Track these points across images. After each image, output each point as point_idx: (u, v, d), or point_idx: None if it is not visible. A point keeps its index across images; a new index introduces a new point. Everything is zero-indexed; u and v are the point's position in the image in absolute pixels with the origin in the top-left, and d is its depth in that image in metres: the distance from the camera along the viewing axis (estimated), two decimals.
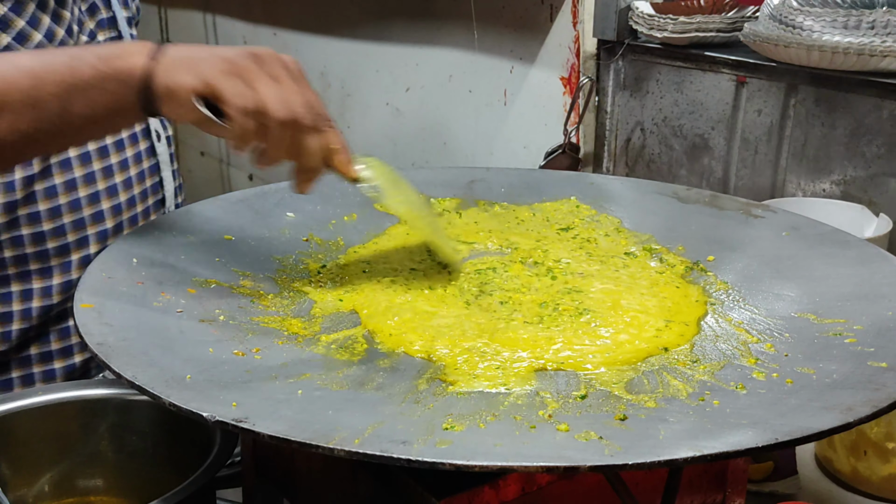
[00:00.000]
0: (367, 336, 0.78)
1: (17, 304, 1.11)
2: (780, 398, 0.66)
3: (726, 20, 1.54)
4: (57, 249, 1.10)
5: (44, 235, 1.08)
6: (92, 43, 1.10)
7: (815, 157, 1.42)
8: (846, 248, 0.90)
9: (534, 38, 1.79)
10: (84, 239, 1.11)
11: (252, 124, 0.77)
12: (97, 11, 1.12)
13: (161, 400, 0.61)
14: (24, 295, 1.10)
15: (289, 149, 0.80)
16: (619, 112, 1.70)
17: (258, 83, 0.77)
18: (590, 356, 0.74)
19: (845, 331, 0.76)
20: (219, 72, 0.77)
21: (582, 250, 0.95)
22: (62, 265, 1.11)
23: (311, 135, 0.80)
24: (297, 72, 0.81)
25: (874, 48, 1.27)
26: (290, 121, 0.78)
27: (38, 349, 1.14)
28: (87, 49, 0.83)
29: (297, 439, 0.57)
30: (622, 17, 1.61)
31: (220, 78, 0.77)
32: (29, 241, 1.08)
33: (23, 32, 1.01)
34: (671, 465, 0.58)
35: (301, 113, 0.78)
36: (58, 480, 0.90)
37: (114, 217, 1.14)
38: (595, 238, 0.99)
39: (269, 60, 0.79)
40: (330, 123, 0.82)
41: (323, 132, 0.80)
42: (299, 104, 0.79)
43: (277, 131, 0.78)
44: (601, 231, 1.01)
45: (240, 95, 0.77)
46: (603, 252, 0.96)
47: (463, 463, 0.55)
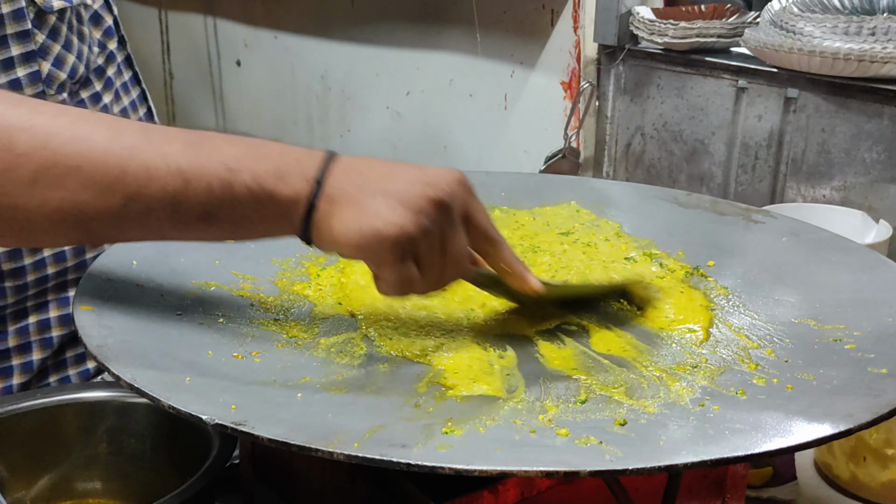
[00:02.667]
0: (366, 340, 0.78)
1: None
2: (781, 404, 0.66)
3: (727, 26, 1.54)
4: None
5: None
6: (104, 52, 1.09)
7: (816, 163, 1.42)
8: (846, 254, 0.90)
9: (535, 42, 1.79)
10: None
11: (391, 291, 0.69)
12: (101, 20, 1.10)
13: (160, 402, 0.61)
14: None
15: None
16: (619, 117, 1.71)
17: (424, 259, 0.66)
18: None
19: (845, 337, 0.76)
20: (391, 245, 0.64)
21: (585, 255, 0.95)
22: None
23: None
24: (459, 210, 0.67)
25: (874, 54, 1.27)
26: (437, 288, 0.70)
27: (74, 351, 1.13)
28: (244, 155, 0.66)
29: (295, 443, 0.57)
30: (623, 22, 1.61)
31: (386, 251, 0.64)
32: None
33: (59, 57, 1.01)
34: (671, 470, 0.58)
35: (445, 282, 0.70)
36: (56, 482, 0.90)
37: None
38: (595, 242, 0.99)
39: (433, 211, 0.65)
40: (499, 245, 0.71)
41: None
42: (452, 276, 0.70)
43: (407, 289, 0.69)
44: (601, 236, 1.01)
45: (405, 282, 0.67)
46: (604, 256, 0.96)
47: (462, 467, 0.55)
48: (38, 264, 1.11)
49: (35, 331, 1.14)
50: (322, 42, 2.33)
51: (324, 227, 0.65)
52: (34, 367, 1.12)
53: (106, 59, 1.09)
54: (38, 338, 1.14)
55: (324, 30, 2.32)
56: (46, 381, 1.14)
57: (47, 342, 1.15)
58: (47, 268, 1.12)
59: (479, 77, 1.94)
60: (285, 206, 0.65)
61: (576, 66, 1.71)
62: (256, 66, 2.56)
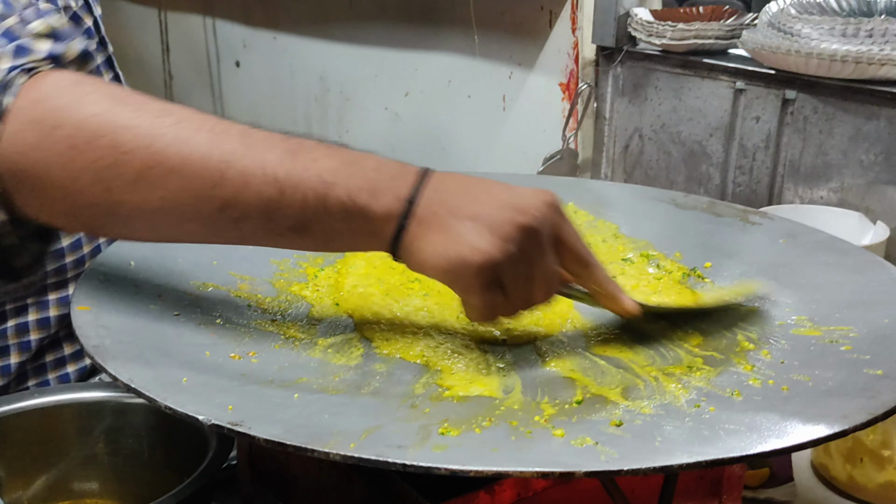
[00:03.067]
0: (363, 340, 0.78)
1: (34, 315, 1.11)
2: (776, 405, 0.66)
3: (725, 27, 1.55)
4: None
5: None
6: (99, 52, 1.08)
7: (813, 165, 1.42)
8: (843, 255, 0.90)
9: (533, 43, 1.79)
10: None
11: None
12: (80, 22, 1.09)
13: (157, 403, 0.61)
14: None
15: None
16: (617, 118, 1.71)
17: (511, 288, 0.65)
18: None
19: (841, 338, 0.76)
20: (465, 272, 0.64)
21: None
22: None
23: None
24: (550, 236, 0.67)
25: (872, 56, 1.27)
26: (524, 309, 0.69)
27: (53, 356, 1.13)
28: (340, 168, 0.66)
29: (292, 443, 0.57)
30: (621, 23, 1.62)
31: (479, 284, 0.64)
32: None
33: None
34: (667, 471, 0.58)
35: (534, 304, 0.69)
36: (53, 483, 0.90)
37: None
38: (593, 244, 1.00)
39: (523, 239, 0.65)
40: (592, 267, 0.71)
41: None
42: (541, 298, 0.68)
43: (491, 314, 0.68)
44: (598, 237, 1.01)
45: (489, 310, 0.66)
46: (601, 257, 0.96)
47: (458, 468, 0.55)
48: None
49: (13, 334, 1.14)
50: (321, 43, 2.34)
51: (413, 248, 0.65)
52: (11, 371, 1.12)
53: None
54: (15, 341, 1.14)
55: (322, 31, 2.33)
56: (25, 385, 1.13)
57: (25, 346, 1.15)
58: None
59: (477, 78, 1.94)
60: (376, 224, 0.64)
61: (574, 67, 1.72)
62: (255, 66, 2.56)
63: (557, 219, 0.68)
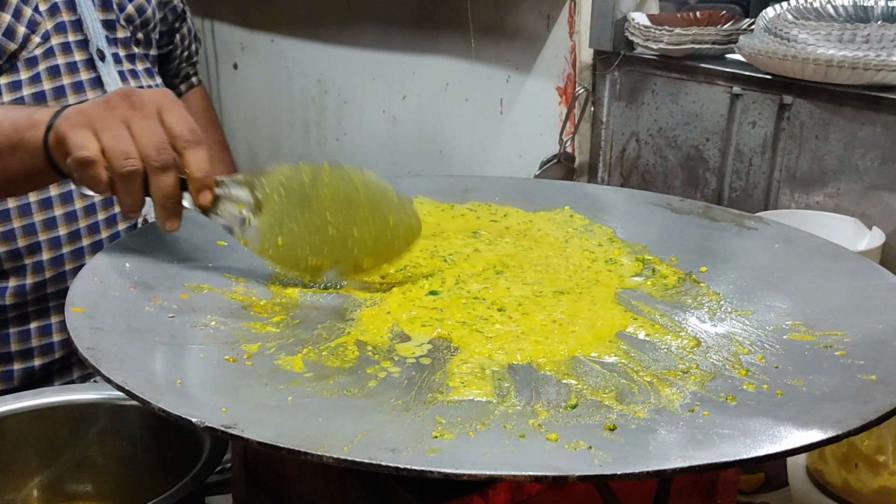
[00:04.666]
0: (357, 343, 0.78)
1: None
2: (770, 410, 0.66)
3: (722, 32, 1.55)
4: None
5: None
6: (45, 44, 1.09)
7: (809, 170, 1.42)
8: (838, 260, 0.91)
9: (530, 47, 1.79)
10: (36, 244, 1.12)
11: (93, 175, 0.80)
12: (57, 13, 1.11)
13: (150, 405, 0.61)
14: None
15: (136, 193, 0.81)
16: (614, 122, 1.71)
17: (103, 132, 0.79)
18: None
19: (836, 343, 0.76)
20: (69, 125, 0.80)
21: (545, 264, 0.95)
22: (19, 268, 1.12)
23: (158, 176, 0.80)
24: (151, 108, 0.81)
25: (868, 62, 1.28)
26: (129, 172, 0.79)
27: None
28: (9, 114, 0.88)
29: (286, 446, 0.57)
30: (618, 28, 1.62)
31: (68, 130, 0.80)
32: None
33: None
34: (660, 475, 0.58)
35: (146, 156, 0.79)
36: (46, 485, 0.90)
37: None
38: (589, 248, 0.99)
39: (120, 104, 0.80)
40: (191, 145, 0.82)
41: (168, 171, 0.80)
42: (146, 146, 0.79)
43: (120, 181, 0.80)
44: (595, 241, 1.01)
45: (80, 147, 0.79)
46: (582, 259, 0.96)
47: (452, 471, 0.55)
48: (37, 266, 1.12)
49: (36, 336, 1.14)
50: (318, 46, 2.34)
51: (52, 135, 0.83)
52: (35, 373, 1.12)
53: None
54: (39, 343, 1.14)
55: (320, 33, 2.32)
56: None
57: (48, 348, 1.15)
58: (45, 271, 1.12)
59: (474, 82, 1.94)
60: (34, 145, 0.84)
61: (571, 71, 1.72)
62: (253, 69, 2.56)
63: (163, 101, 0.82)
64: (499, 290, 0.86)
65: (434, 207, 1.09)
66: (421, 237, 0.97)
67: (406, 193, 1.10)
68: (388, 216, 0.88)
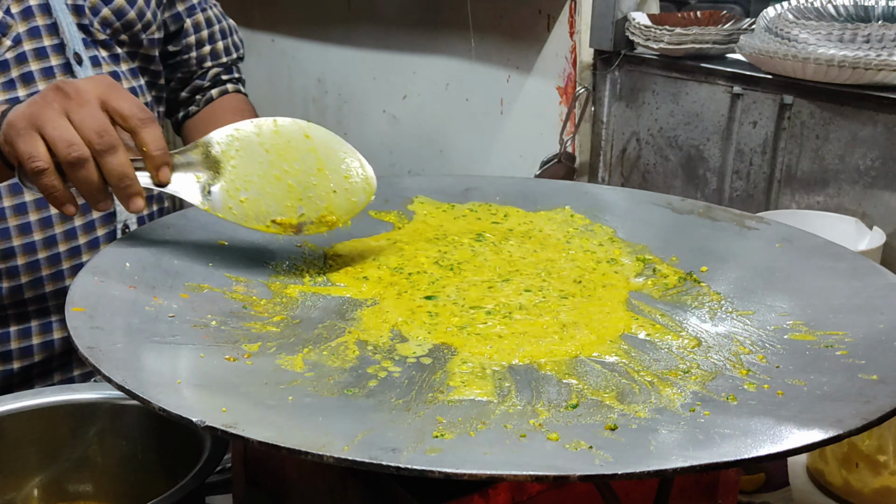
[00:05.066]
0: (358, 343, 0.78)
1: None
2: (771, 409, 0.66)
3: (722, 32, 1.55)
4: None
5: None
6: (16, 48, 1.07)
7: (810, 170, 1.42)
8: (839, 260, 0.90)
9: (531, 47, 1.79)
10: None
11: (47, 183, 0.81)
12: (31, 17, 1.09)
13: (150, 404, 0.61)
14: None
15: (90, 182, 0.82)
16: (614, 122, 1.71)
17: (45, 127, 0.81)
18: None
19: (837, 343, 0.76)
20: (16, 133, 0.81)
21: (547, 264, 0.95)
22: None
23: (106, 158, 0.81)
24: (87, 95, 0.82)
25: (869, 61, 1.28)
26: (76, 159, 0.80)
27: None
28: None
29: (286, 445, 0.57)
30: (619, 27, 1.62)
31: (16, 139, 0.81)
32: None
33: None
34: (661, 475, 0.58)
35: (89, 141, 0.80)
36: (46, 485, 0.90)
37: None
38: (589, 248, 0.99)
39: (56, 97, 0.82)
40: (144, 123, 0.83)
41: (115, 152, 0.81)
42: (87, 132, 0.80)
43: (71, 171, 0.81)
44: (595, 240, 1.01)
45: (30, 158, 0.80)
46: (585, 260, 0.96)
47: (452, 471, 0.55)
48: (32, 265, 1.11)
49: (16, 339, 1.14)
50: (319, 46, 2.34)
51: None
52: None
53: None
54: (17, 346, 1.14)
55: (321, 33, 2.33)
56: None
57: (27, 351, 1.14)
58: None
59: (475, 81, 1.94)
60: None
61: (572, 71, 1.72)
62: (254, 69, 2.56)
63: (100, 87, 0.83)
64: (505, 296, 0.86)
65: (434, 207, 1.09)
66: (424, 241, 0.97)
67: (406, 193, 1.10)
68: (343, 164, 0.90)
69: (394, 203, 1.08)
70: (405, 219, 1.06)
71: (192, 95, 1.34)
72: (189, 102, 1.35)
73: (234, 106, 1.34)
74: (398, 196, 1.09)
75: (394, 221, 1.05)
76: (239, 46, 1.39)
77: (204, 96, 1.34)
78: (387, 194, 1.09)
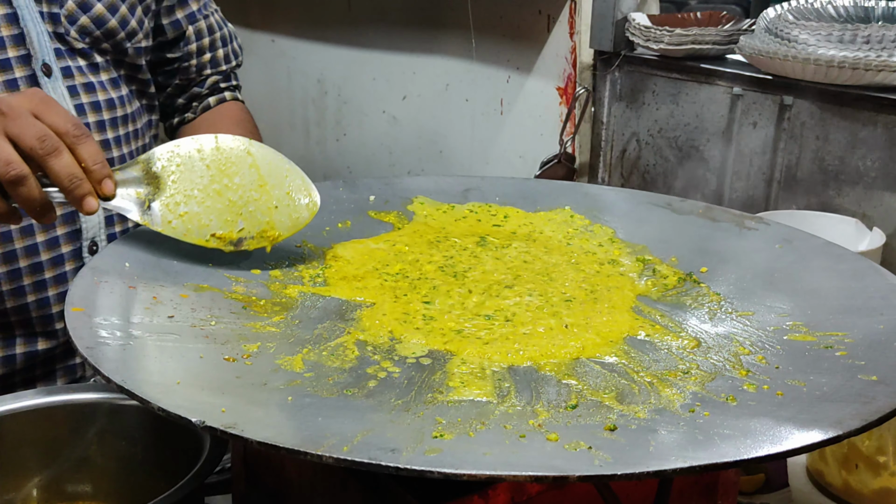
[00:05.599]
0: (357, 343, 0.78)
1: None
2: (771, 410, 0.66)
3: (722, 33, 1.55)
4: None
5: None
6: None
7: (810, 170, 1.42)
8: (839, 261, 0.90)
9: (531, 48, 1.79)
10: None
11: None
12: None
13: (150, 404, 0.61)
14: None
15: (31, 199, 0.82)
16: (614, 123, 1.71)
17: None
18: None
19: (836, 344, 0.76)
20: None
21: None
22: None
23: (52, 161, 0.82)
24: (20, 108, 0.82)
25: (869, 62, 1.28)
26: (14, 177, 0.81)
27: None
28: None
29: (285, 446, 0.57)
30: (619, 28, 1.62)
31: None
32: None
33: None
34: (661, 475, 0.58)
35: (31, 147, 0.81)
36: (46, 485, 0.90)
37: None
38: (589, 248, 0.99)
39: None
40: (79, 139, 0.83)
41: (60, 154, 0.82)
42: (28, 140, 0.81)
43: (11, 189, 0.81)
44: (595, 241, 1.01)
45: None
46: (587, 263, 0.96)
47: (451, 471, 0.55)
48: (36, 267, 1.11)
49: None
50: (319, 46, 2.34)
51: None
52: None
53: None
54: (3, 354, 1.13)
55: (320, 34, 2.32)
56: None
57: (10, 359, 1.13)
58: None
59: (475, 82, 1.94)
60: None
61: (572, 71, 1.72)
62: (253, 69, 2.56)
63: (32, 101, 0.83)
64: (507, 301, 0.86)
65: (434, 208, 1.09)
66: (427, 244, 0.97)
67: (406, 194, 1.10)
68: (286, 181, 0.91)
69: (393, 203, 1.08)
70: (405, 219, 1.06)
71: (189, 102, 1.32)
72: (185, 109, 1.32)
73: (232, 115, 1.32)
74: (398, 196, 1.09)
75: (393, 222, 1.05)
76: (238, 53, 1.37)
77: (201, 104, 1.32)
78: (386, 195, 1.09)
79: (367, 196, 1.08)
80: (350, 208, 1.05)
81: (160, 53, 1.26)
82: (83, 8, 1.11)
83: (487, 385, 0.71)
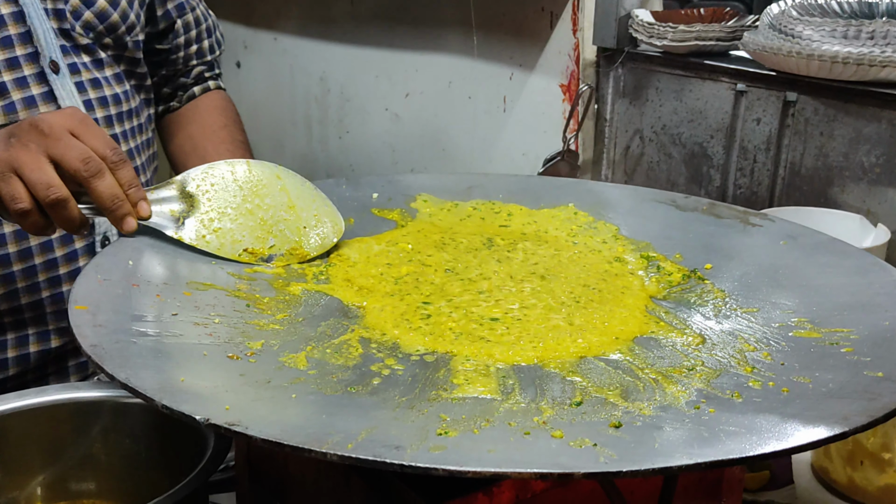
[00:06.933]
0: (361, 341, 0.78)
1: None
2: (776, 407, 0.66)
3: (726, 29, 1.54)
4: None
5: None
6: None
7: (814, 167, 1.42)
8: (844, 257, 0.90)
9: (534, 45, 1.79)
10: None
11: (33, 222, 0.85)
12: (3, 27, 1.05)
13: (154, 402, 0.61)
14: None
15: (70, 219, 0.85)
16: (618, 120, 1.71)
17: (24, 170, 0.83)
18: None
19: (842, 340, 0.76)
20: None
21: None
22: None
23: (96, 182, 0.84)
24: (61, 129, 0.84)
25: (873, 58, 1.27)
26: (54, 201, 0.83)
27: None
28: None
29: (289, 443, 0.57)
30: (622, 25, 1.61)
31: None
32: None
33: None
34: (666, 472, 0.58)
35: (76, 169, 0.83)
36: (50, 483, 0.90)
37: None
38: (593, 246, 0.99)
39: (30, 135, 0.84)
40: (117, 165, 0.86)
41: (103, 175, 0.85)
42: (72, 162, 0.83)
43: (51, 211, 0.84)
44: (599, 238, 1.01)
45: (13, 200, 0.83)
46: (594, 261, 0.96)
47: (456, 469, 0.55)
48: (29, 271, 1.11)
49: (34, 342, 1.13)
50: (321, 44, 2.33)
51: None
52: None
53: None
54: (15, 354, 1.13)
55: (323, 31, 2.32)
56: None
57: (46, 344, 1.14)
58: (59, 268, 1.12)
59: (477, 79, 1.94)
60: None
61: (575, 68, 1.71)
62: (256, 67, 2.56)
63: (72, 122, 0.85)
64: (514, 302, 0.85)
65: (437, 206, 1.08)
66: (433, 246, 0.97)
67: (409, 191, 1.10)
68: (313, 205, 0.96)
69: (396, 201, 1.07)
70: (408, 217, 1.05)
71: (174, 92, 1.35)
72: (170, 98, 1.36)
73: (216, 105, 1.37)
74: (401, 194, 1.09)
75: (396, 219, 1.05)
76: (221, 42, 1.41)
77: (186, 93, 1.35)
78: (389, 192, 1.09)
79: (370, 194, 1.08)
80: (353, 206, 1.04)
81: (149, 44, 1.27)
82: (86, 3, 1.12)
83: (492, 382, 0.70)
